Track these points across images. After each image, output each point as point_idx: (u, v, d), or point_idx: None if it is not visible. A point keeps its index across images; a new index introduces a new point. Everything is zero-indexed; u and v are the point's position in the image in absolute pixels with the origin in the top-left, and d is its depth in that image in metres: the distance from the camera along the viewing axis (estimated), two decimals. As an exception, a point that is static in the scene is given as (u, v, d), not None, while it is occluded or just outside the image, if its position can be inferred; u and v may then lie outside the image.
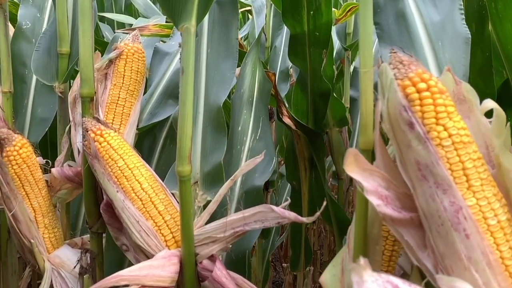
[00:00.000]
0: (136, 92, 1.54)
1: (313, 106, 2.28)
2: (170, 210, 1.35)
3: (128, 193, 1.33)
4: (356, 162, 0.90)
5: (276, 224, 1.24)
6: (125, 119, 1.51)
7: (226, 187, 1.30)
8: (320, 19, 1.92)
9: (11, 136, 1.45)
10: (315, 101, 2.25)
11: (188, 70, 1.23)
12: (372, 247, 1.10)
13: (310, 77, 2.15)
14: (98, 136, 1.35)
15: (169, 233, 1.33)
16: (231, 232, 1.27)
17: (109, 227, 1.42)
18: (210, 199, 1.41)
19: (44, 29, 1.79)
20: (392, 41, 1.25)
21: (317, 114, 2.29)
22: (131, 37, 1.57)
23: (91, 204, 1.46)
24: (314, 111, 2.29)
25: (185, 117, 1.24)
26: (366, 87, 1.05)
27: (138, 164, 1.37)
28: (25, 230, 1.50)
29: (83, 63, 1.39)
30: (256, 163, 1.27)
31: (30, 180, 1.49)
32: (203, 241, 1.31)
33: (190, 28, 1.23)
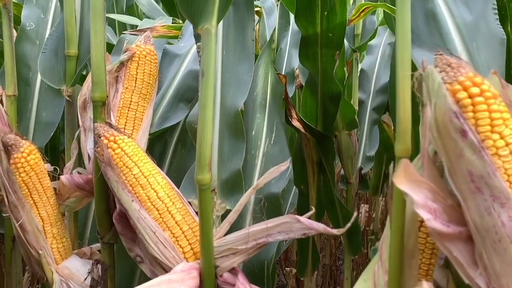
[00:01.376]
0: (148, 96, 1.46)
1: (322, 108, 2.20)
2: (188, 220, 1.27)
3: (144, 202, 1.25)
4: (406, 173, 0.82)
5: (301, 236, 1.16)
6: (137, 124, 1.43)
7: (247, 195, 1.22)
8: (334, 19, 1.85)
9: (19, 142, 1.36)
10: (325, 103, 2.18)
11: (209, 73, 1.16)
12: (408, 261, 1.02)
13: (321, 79, 2.08)
14: (112, 142, 1.27)
15: (187, 245, 1.25)
16: (253, 244, 1.19)
17: (122, 237, 1.34)
18: (229, 208, 1.32)
19: (50, 30, 1.70)
20: (422, 43, 1.17)
21: (326, 117, 2.22)
22: (142, 38, 1.48)
23: (102, 213, 1.38)
24: (324, 113, 2.22)
25: (205, 122, 1.16)
26: (404, 92, 0.97)
27: (153, 172, 1.28)
28: (32, 240, 1.41)
29: (95, 65, 1.31)
30: (280, 171, 1.19)
31: (38, 188, 1.40)
32: (223, 253, 1.23)
33: (211, 29, 1.16)
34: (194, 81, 1.72)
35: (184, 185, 1.39)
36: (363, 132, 2.57)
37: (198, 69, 1.74)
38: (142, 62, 1.45)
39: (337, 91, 2.10)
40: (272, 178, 1.52)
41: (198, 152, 1.17)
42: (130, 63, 1.44)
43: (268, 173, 1.20)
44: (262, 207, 1.28)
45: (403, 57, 0.97)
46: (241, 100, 1.40)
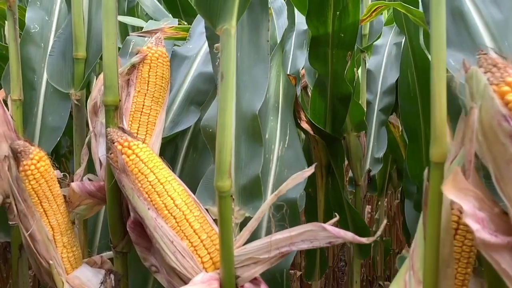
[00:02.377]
0: (161, 100, 1.40)
1: (332, 110, 2.15)
2: (206, 228, 1.21)
3: (161, 210, 1.19)
4: (454, 181, 0.76)
5: (327, 244, 1.11)
6: (150, 128, 1.37)
7: (268, 202, 1.16)
8: (346, 19, 1.79)
9: (28, 149, 1.29)
10: (334, 105, 2.12)
11: (229, 75, 1.10)
12: (443, 270, 0.97)
13: (331, 80, 2.02)
14: (126, 148, 1.21)
15: (206, 254, 1.19)
16: (276, 253, 1.13)
17: (136, 246, 1.28)
18: (248, 215, 1.26)
19: (58, 33, 1.63)
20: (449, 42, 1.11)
21: (335, 119, 2.16)
22: (154, 40, 1.42)
23: (116, 222, 1.32)
24: (333, 115, 2.16)
25: (225, 127, 1.10)
26: (440, 94, 0.92)
27: (169, 178, 1.23)
28: (43, 250, 1.34)
29: (107, 68, 1.25)
30: (304, 177, 1.13)
31: (49, 196, 1.34)
32: (244, 263, 1.17)
33: (230, 30, 1.10)
34: (204, 83, 1.66)
35: (200, 191, 1.33)
36: (371, 134, 2.51)
37: (208, 71, 1.69)
38: (154, 64, 1.39)
39: (347, 92, 2.04)
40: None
41: (217, 158, 1.11)
42: (142, 66, 1.38)
43: (291, 179, 1.14)
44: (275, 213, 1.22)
45: (439, 58, 0.92)
46: (258, 103, 1.34)
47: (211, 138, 1.37)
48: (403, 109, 2.13)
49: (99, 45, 1.54)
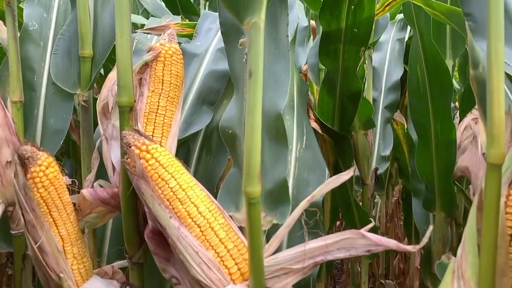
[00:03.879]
0: (176, 99, 1.30)
1: (340, 108, 2.07)
2: (232, 237, 1.11)
3: (184, 218, 1.09)
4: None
5: (365, 253, 1.02)
6: (166, 130, 1.27)
7: (300, 208, 1.07)
8: (361, 14, 1.71)
9: (36, 154, 1.19)
10: (343, 102, 2.04)
11: (258, 73, 1.01)
12: (498, 280, 0.88)
13: (341, 77, 1.94)
14: (144, 152, 1.11)
15: (233, 265, 1.09)
16: (311, 263, 1.04)
17: (155, 257, 1.18)
18: (276, 222, 1.17)
19: (62, 30, 1.52)
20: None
21: (344, 117, 2.08)
22: (167, 36, 1.32)
23: (132, 231, 1.22)
24: (341, 113, 2.08)
25: (254, 128, 1.01)
26: (498, 89, 0.83)
27: (191, 184, 1.13)
28: (52, 262, 1.24)
29: (121, 67, 1.15)
30: (341, 181, 1.05)
31: (58, 205, 1.23)
32: (274, 273, 1.08)
33: (259, 23, 1.01)
34: (216, 82, 1.57)
35: (221, 197, 1.23)
36: (376, 132, 2.44)
37: (219, 69, 1.60)
38: (168, 62, 1.29)
39: (357, 89, 1.96)
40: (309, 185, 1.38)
41: (246, 162, 1.02)
42: (156, 64, 1.28)
43: (326, 183, 1.06)
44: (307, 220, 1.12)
45: (497, 54, 0.83)
46: (281, 102, 1.25)
47: (231, 140, 1.27)
48: (412, 105, 2.06)
49: (106, 43, 1.44)
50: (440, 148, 2.00)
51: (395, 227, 3.65)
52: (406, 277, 3.38)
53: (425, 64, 1.93)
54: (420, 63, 1.95)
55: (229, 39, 1.36)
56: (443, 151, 1.99)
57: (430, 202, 2.13)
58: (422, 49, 1.90)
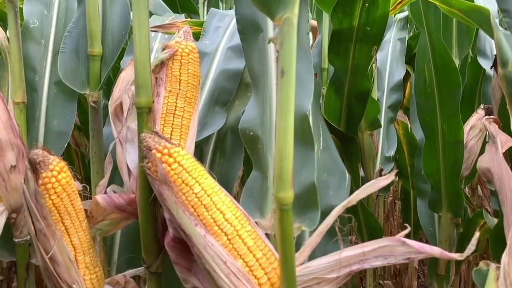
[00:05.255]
0: (194, 100, 1.23)
1: (347, 108, 2.01)
2: (260, 245, 1.04)
3: (210, 226, 1.02)
4: None
5: (405, 261, 0.96)
6: (184, 132, 1.19)
7: (334, 215, 1.01)
8: (374, 12, 1.65)
9: (47, 159, 1.10)
10: (350, 102, 1.98)
11: (291, 72, 0.93)
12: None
13: (350, 77, 1.88)
14: (166, 156, 1.03)
15: (263, 275, 1.02)
16: (347, 272, 0.98)
17: (176, 267, 1.10)
18: (305, 228, 1.10)
19: (69, 27, 1.44)
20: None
21: (351, 117, 2.02)
22: (182, 34, 1.25)
23: (150, 239, 1.14)
24: (348, 113, 2.03)
25: (287, 131, 0.94)
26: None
27: (216, 189, 1.06)
28: (64, 273, 1.16)
29: (140, 65, 1.07)
30: (380, 186, 0.98)
31: (70, 212, 1.15)
32: (307, 283, 1.01)
33: (292, 19, 0.93)
34: (228, 82, 1.50)
35: (244, 202, 1.16)
36: (380, 132, 2.39)
37: (231, 68, 1.53)
38: (185, 61, 1.21)
39: (366, 89, 1.91)
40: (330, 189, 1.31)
41: (278, 166, 0.94)
42: (172, 63, 1.21)
43: (363, 188, 0.99)
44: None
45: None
46: (306, 102, 1.18)
47: (252, 142, 1.21)
48: (419, 105, 2.02)
49: (116, 40, 1.36)
50: (448, 148, 1.96)
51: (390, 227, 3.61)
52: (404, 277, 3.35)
53: (433, 64, 1.88)
54: (428, 62, 1.90)
55: (246, 36, 1.29)
56: (450, 151, 1.96)
57: (436, 203, 2.09)
58: (430, 48, 1.86)
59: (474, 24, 1.44)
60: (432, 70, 1.90)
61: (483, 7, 1.32)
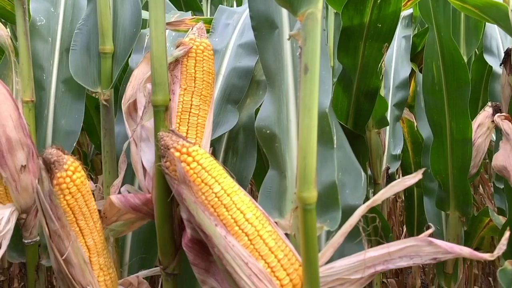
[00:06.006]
0: (209, 98, 1.20)
1: (355, 105, 1.98)
2: (281, 245, 1.02)
3: (230, 226, 0.99)
4: None
5: (431, 261, 0.94)
6: (200, 131, 1.17)
7: (358, 214, 0.98)
8: (386, 8, 1.62)
9: (62, 158, 1.07)
10: (359, 100, 1.96)
11: (315, 68, 0.91)
12: None
13: (359, 74, 1.85)
14: (185, 155, 1.00)
15: (285, 276, 1.00)
16: (371, 272, 0.96)
17: (194, 268, 1.08)
18: (327, 228, 1.08)
19: (79, 24, 1.40)
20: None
21: (359, 115, 2.00)
22: (196, 30, 1.22)
23: (166, 239, 1.12)
24: (356, 111, 2.00)
25: (310, 129, 0.92)
26: None
27: (235, 188, 1.03)
28: (78, 275, 1.13)
29: (157, 62, 1.05)
30: (406, 184, 0.95)
31: (85, 212, 1.12)
32: (330, 284, 0.99)
33: (316, 14, 0.91)
34: (239, 80, 1.47)
35: (261, 202, 1.13)
36: (386, 130, 2.36)
37: (242, 66, 1.51)
38: (200, 58, 1.19)
39: (374, 87, 1.88)
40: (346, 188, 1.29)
41: (301, 165, 0.92)
42: (187, 60, 1.18)
43: (389, 187, 0.97)
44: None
45: None
46: (326, 100, 1.16)
47: (269, 141, 1.18)
48: (427, 103, 2.00)
49: (127, 38, 1.33)
50: (456, 146, 1.94)
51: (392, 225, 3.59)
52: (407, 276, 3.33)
53: (441, 61, 1.86)
54: (436, 60, 1.88)
55: (261, 33, 1.27)
56: (458, 149, 1.94)
57: (444, 201, 2.07)
58: (439, 45, 1.83)
59: (490, 21, 1.42)
60: (440, 67, 1.88)
61: (501, 3, 1.30)
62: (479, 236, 2.29)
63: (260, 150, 1.38)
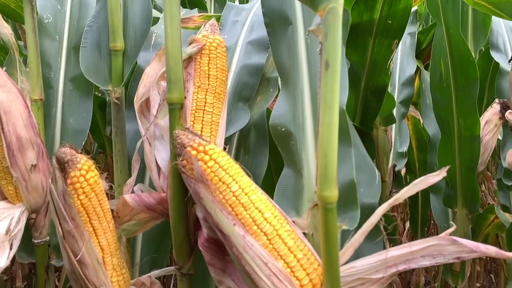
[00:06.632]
0: (222, 96, 1.18)
1: (363, 103, 1.96)
2: (300, 245, 1.00)
3: (249, 226, 0.97)
4: None
5: (454, 260, 0.92)
6: (214, 129, 1.14)
7: (379, 213, 0.96)
8: (397, 4, 1.60)
9: (75, 157, 1.05)
10: (366, 97, 1.94)
11: (336, 64, 0.89)
12: None
13: (367, 71, 1.83)
14: (202, 153, 0.98)
15: (304, 276, 0.98)
16: (393, 272, 0.94)
17: (211, 268, 1.06)
18: (346, 227, 1.06)
19: (89, 21, 1.38)
20: None
21: (367, 112, 1.98)
22: (209, 27, 1.20)
23: (182, 239, 1.10)
24: (364, 108, 1.98)
25: (331, 127, 0.90)
26: None
27: (253, 187, 1.01)
28: (92, 276, 1.11)
29: (172, 60, 1.03)
30: (430, 182, 0.94)
31: (98, 212, 1.10)
32: (350, 284, 0.97)
33: (338, 8, 0.89)
34: (250, 77, 1.45)
35: (277, 201, 1.11)
36: (393, 127, 2.35)
37: (252, 63, 1.48)
38: (214, 55, 1.17)
39: (383, 84, 1.86)
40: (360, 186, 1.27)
41: (323, 163, 0.90)
42: (200, 57, 1.16)
43: (412, 185, 0.95)
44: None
45: None
46: (343, 96, 1.14)
47: (285, 139, 1.16)
48: (434, 100, 1.98)
49: (138, 35, 1.31)
50: (464, 143, 1.93)
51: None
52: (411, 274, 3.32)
53: (450, 58, 1.85)
54: (444, 56, 1.87)
55: (274, 30, 1.24)
56: (466, 147, 1.92)
57: (451, 199, 2.06)
58: (448, 42, 1.82)
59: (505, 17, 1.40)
60: (448, 64, 1.86)
61: (516, -2, 1.28)
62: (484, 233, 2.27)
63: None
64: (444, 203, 2.09)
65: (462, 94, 1.88)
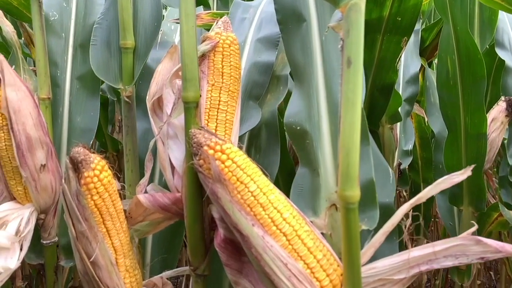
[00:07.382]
0: (236, 94, 1.16)
1: (370, 101, 1.94)
2: (319, 245, 0.98)
3: (268, 226, 0.95)
4: None
5: (478, 260, 0.90)
6: (229, 127, 1.12)
7: (400, 213, 0.94)
8: (407, 1, 1.58)
9: (89, 157, 1.03)
10: (373, 95, 1.91)
11: (358, 61, 0.88)
12: None
13: (375, 69, 1.81)
14: (219, 152, 0.96)
15: (325, 277, 0.96)
16: (415, 272, 0.92)
17: (227, 269, 1.03)
18: (365, 227, 1.04)
19: (98, 18, 1.35)
20: None
21: (373, 110, 1.95)
22: (221, 24, 1.18)
23: (197, 240, 1.07)
24: (371, 106, 1.95)
25: (354, 125, 0.88)
26: None
27: (270, 187, 0.99)
28: (105, 277, 1.08)
29: (187, 57, 1.00)
30: (454, 181, 0.92)
31: (112, 213, 1.08)
32: (371, 285, 0.95)
33: (360, 4, 0.87)
34: (260, 75, 1.43)
35: (293, 200, 1.08)
36: (398, 125, 2.33)
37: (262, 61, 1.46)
38: (227, 53, 1.14)
39: (390, 82, 1.84)
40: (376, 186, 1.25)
41: (344, 162, 0.88)
42: (214, 55, 1.13)
43: (435, 184, 0.93)
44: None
45: None
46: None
47: (300, 137, 1.14)
48: (441, 98, 1.96)
49: (148, 32, 1.29)
50: (470, 141, 1.91)
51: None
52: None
53: (457, 56, 1.83)
54: (451, 54, 1.85)
55: (287, 27, 1.22)
56: (473, 144, 1.91)
57: (457, 197, 2.04)
58: (455, 40, 1.80)
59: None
60: (455, 61, 1.85)
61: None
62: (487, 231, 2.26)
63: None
64: (450, 201, 2.07)
65: (469, 92, 1.86)
